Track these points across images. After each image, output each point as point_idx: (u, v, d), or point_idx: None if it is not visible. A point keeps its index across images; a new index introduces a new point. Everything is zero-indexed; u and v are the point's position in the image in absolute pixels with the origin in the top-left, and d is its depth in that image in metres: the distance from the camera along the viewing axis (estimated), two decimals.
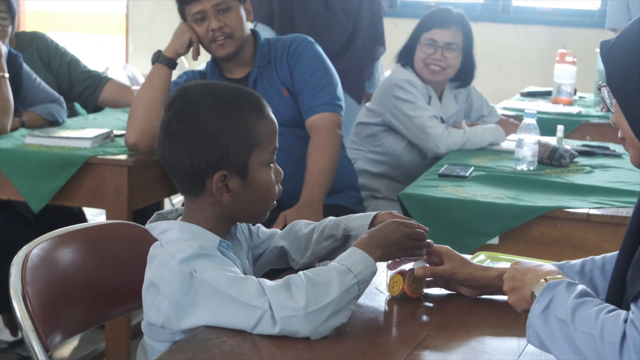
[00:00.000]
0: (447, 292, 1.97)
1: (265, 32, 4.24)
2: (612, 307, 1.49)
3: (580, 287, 1.54)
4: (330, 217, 2.07)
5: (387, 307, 1.89)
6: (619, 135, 1.64)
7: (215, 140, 1.78)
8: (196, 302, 1.69)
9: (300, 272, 1.72)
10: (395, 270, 1.93)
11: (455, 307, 1.90)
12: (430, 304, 1.92)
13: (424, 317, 1.87)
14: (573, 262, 1.86)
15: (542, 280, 1.58)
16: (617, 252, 1.82)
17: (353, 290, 1.71)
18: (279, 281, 1.71)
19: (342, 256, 1.78)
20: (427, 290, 1.96)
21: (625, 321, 1.44)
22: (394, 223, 1.88)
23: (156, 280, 1.75)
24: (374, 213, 2.03)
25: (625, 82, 1.56)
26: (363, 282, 1.74)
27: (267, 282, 1.70)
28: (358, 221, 2.02)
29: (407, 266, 1.95)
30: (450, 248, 1.98)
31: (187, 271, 1.70)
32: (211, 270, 1.70)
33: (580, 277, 1.81)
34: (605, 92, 1.63)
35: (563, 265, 1.84)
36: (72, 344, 3.87)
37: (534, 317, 1.54)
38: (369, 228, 1.96)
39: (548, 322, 1.51)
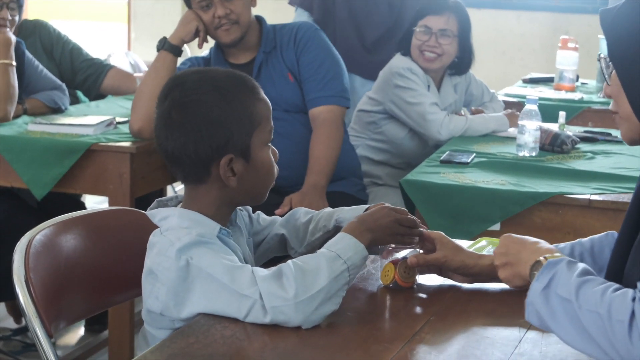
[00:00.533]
0: (447, 279, 1.96)
1: (304, 18, 4.24)
2: (617, 285, 1.48)
3: (582, 265, 1.54)
4: (327, 208, 2.07)
5: (387, 294, 1.89)
6: (611, 107, 1.63)
7: (220, 125, 1.78)
8: (192, 290, 1.70)
9: (290, 261, 1.71)
10: (389, 259, 1.93)
11: (456, 294, 1.90)
12: (431, 291, 1.92)
13: (424, 304, 1.87)
14: (562, 245, 1.86)
15: (542, 258, 1.58)
16: (604, 233, 1.82)
17: (343, 276, 1.70)
18: (271, 270, 1.70)
19: (331, 242, 1.76)
20: (422, 278, 1.95)
21: (634, 300, 1.43)
22: (385, 209, 1.88)
23: (154, 267, 1.75)
24: (366, 205, 2.02)
25: (627, 53, 1.54)
26: (353, 268, 1.72)
27: (260, 272, 1.69)
28: (350, 212, 2.00)
29: (401, 254, 1.94)
30: (443, 234, 1.96)
31: (184, 259, 1.70)
32: (208, 257, 1.70)
33: None
34: (603, 62, 1.62)
35: None
36: (76, 331, 3.88)
37: (534, 295, 1.53)
38: None
39: (549, 300, 1.51)
